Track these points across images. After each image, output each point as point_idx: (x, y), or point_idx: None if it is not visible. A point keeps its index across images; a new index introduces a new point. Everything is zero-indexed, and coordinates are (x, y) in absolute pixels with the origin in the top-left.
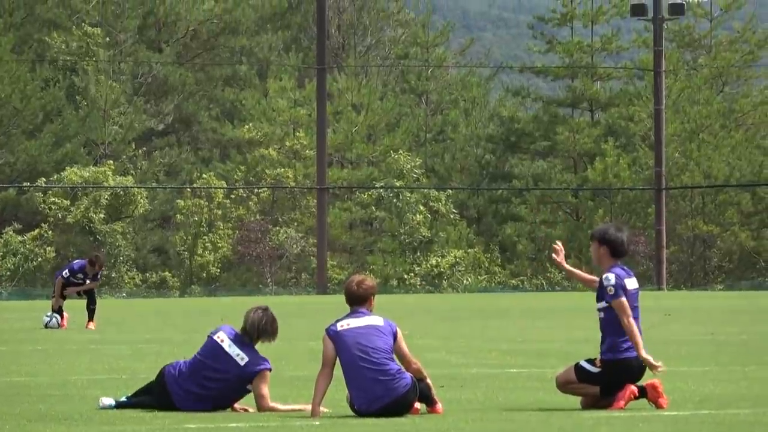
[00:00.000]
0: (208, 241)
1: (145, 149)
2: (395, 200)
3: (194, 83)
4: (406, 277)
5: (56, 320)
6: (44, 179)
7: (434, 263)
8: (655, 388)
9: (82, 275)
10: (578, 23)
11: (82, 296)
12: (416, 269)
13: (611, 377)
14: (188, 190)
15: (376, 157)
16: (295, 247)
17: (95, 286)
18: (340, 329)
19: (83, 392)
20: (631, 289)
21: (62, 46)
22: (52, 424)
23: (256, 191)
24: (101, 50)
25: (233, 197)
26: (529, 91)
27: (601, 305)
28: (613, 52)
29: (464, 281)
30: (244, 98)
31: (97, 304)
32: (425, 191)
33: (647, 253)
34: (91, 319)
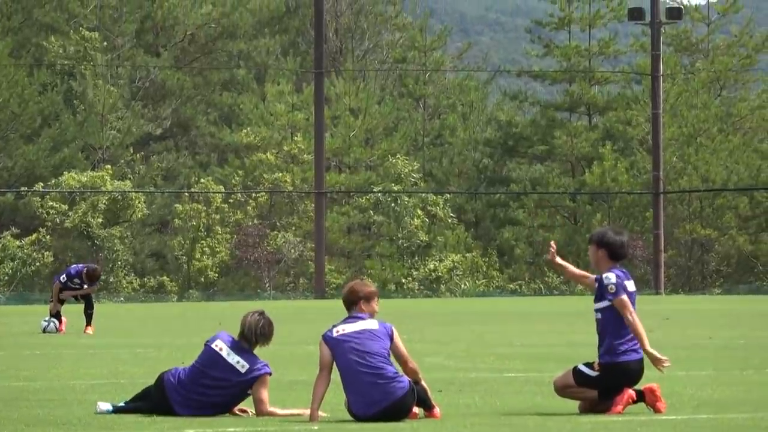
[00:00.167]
0: (206, 245)
1: (143, 154)
2: (393, 204)
3: (192, 87)
4: (404, 281)
5: (54, 325)
6: (42, 184)
7: (432, 267)
8: (653, 391)
9: (79, 280)
10: (576, 27)
11: (79, 300)
12: (414, 273)
13: (609, 381)
14: (186, 194)
15: (373, 161)
16: (293, 251)
17: (92, 290)
18: (335, 335)
19: (81, 397)
20: (629, 291)
21: (60, 50)
22: (50, 428)
23: (254, 196)
24: (99, 54)
25: (231, 202)
26: (526, 95)
27: (599, 305)
28: (610, 56)
29: (462, 285)
30: (241, 102)
31: (94, 308)
32: (423, 195)
33: (645, 257)
34: (89, 323)
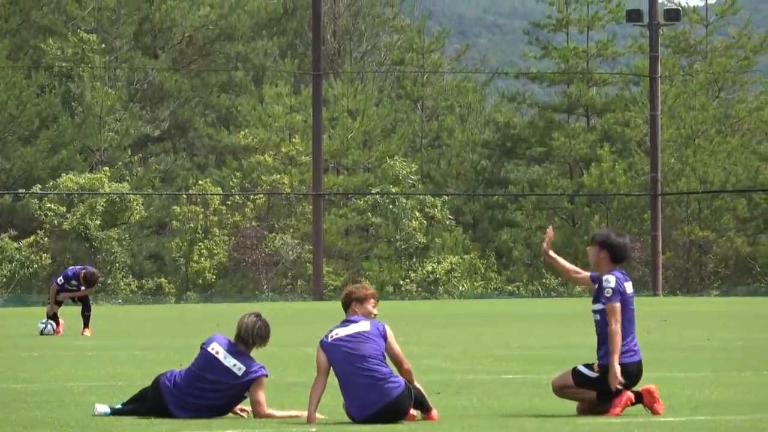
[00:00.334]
0: (204, 247)
1: (140, 155)
2: (391, 206)
3: (190, 89)
4: (401, 283)
5: (51, 327)
6: (40, 186)
7: (430, 269)
8: (651, 393)
9: (76, 282)
10: (574, 29)
11: (76, 302)
12: (412, 275)
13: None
14: (184, 196)
15: (371, 163)
16: (291, 253)
17: (90, 292)
18: (330, 339)
19: (79, 399)
20: (628, 292)
21: (58, 52)
22: (48, 430)
23: (252, 197)
24: (97, 56)
25: (229, 203)
26: (524, 96)
27: (597, 307)
28: (608, 57)
29: (460, 287)
30: (239, 104)
31: (92, 310)
32: (421, 197)
33: (643, 258)
34: (86, 325)
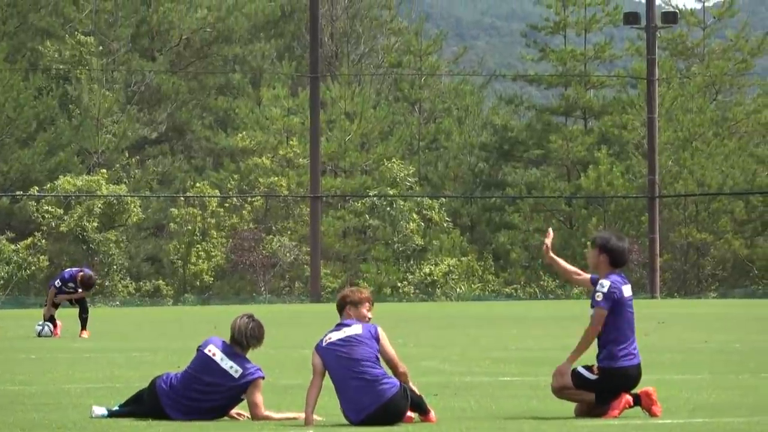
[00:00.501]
0: (201, 249)
1: (138, 158)
2: (389, 208)
3: (187, 92)
4: (399, 285)
5: (48, 329)
6: (37, 188)
7: (428, 271)
8: (648, 395)
9: (73, 284)
10: (571, 31)
11: (73, 304)
12: (410, 277)
13: (608, 385)
14: (182, 198)
15: (369, 165)
16: (288, 255)
17: (87, 294)
18: (324, 344)
19: (77, 401)
20: (626, 296)
21: (55, 54)
22: None
23: (249, 200)
24: (94, 59)
25: (227, 206)
26: (522, 99)
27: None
28: (606, 60)
29: (458, 289)
30: (237, 107)
31: (89, 312)
32: (418, 199)
33: (641, 261)
34: (84, 327)
